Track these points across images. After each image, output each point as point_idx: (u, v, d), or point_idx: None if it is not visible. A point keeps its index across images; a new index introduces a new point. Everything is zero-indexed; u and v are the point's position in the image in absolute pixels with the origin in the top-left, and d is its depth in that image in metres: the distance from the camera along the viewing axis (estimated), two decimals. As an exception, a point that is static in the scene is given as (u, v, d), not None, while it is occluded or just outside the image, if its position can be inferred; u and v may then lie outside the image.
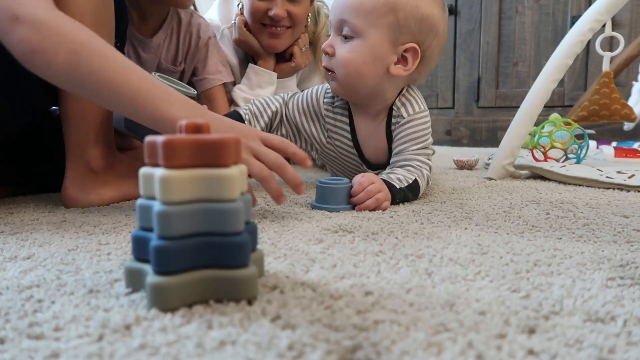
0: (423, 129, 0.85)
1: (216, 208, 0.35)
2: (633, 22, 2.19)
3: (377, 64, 0.81)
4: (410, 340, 0.31)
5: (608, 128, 2.10)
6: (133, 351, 0.30)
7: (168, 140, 0.35)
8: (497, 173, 1.12)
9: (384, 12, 0.78)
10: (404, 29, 0.80)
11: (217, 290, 0.36)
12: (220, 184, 0.35)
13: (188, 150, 0.35)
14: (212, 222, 0.36)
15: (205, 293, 0.36)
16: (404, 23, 0.79)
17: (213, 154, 0.36)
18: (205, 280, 0.36)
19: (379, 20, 0.79)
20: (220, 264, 0.36)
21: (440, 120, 2.53)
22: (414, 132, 0.84)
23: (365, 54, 0.80)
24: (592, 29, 1.11)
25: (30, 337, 0.32)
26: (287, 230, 0.61)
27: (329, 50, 0.82)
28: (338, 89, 0.85)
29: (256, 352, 0.29)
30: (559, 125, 1.25)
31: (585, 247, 0.53)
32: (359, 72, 0.81)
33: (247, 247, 0.36)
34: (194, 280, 0.36)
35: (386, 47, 0.80)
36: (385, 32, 0.79)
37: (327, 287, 0.41)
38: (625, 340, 0.31)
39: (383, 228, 0.62)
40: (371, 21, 0.79)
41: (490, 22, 2.41)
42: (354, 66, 0.81)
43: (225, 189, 0.36)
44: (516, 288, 0.40)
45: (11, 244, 0.55)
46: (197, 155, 0.35)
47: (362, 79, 0.82)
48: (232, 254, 0.36)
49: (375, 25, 0.79)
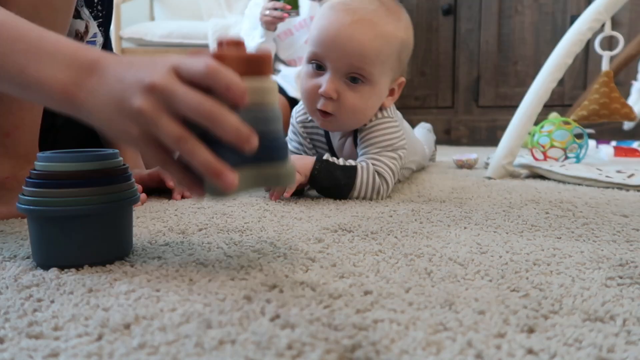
0: (385, 134, 0.84)
1: (262, 113, 0.42)
2: (632, 21, 2.18)
3: (377, 104, 0.84)
4: (409, 339, 0.31)
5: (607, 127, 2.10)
6: (132, 350, 0.30)
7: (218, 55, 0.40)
8: (497, 172, 1.12)
9: (394, 58, 0.81)
10: (401, 68, 0.85)
11: (266, 179, 0.44)
12: (264, 93, 0.42)
13: (237, 64, 0.40)
14: (258, 124, 0.40)
15: (258, 181, 0.43)
16: (403, 63, 0.84)
17: (257, 67, 0.42)
18: (257, 172, 0.42)
19: (390, 67, 0.81)
20: (267, 159, 0.42)
21: (440, 119, 2.53)
22: (374, 137, 0.84)
23: (374, 99, 0.82)
24: (592, 28, 1.11)
25: (30, 336, 0.32)
26: (287, 229, 0.61)
27: (334, 96, 0.78)
28: (331, 128, 0.86)
29: (255, 352, 0.29)
30: (558, 124, 1.25)
31: (585, 246, 0.53)
32: (365, 115, 0.83)
33: (286, 146, 0.44)
34: (248, 173, 0.42)
35: (387, 87, 0.84)
36: (390, 75, 0.83)
37: (327, 286, 0.41)
38: (624, 339, 0.32)
39: (382, 227, 0.62)
40: (385, 69, 0.80)
41: (490, 21, 2.41)
42: (362, 111, 0.82)
43: (268, 96, 0.42)
44: (515, 287, 0.40)
45: (10, 243, 0.55)
46: (245, 67, 0.41)
47: (363, 120, 0.84)
48: (276, 151, 0.43)
49: (386, 72, 0.81)
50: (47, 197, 0.44)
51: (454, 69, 2.51)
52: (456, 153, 1.53)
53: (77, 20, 0.79)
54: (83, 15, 0.79)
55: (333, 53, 0.78)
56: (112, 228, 0.47)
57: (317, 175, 0.79)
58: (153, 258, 0.48)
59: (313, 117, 0.85)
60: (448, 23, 2.48)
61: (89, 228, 0.45)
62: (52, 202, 0.44)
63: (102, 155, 0.47)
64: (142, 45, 2.49)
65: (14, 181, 0.70)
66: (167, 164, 0.42)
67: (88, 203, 0.44)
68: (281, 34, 1.96)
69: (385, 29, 0.78)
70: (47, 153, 0.46)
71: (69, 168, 0.45)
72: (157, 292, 0.39)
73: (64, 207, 0.44)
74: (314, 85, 0.80)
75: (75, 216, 0.44)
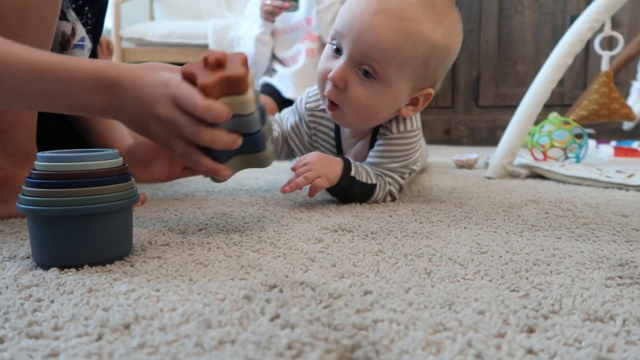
0: (408, 149, 0.79)
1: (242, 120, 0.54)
2: (632, 21, 2.19)
3: (391, 109, 0.76)
4: (409, 339, 0.31)
5: (607, 127, 2.10)
6: (132, 350, 0.30)
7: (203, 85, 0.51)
8: (497, 172, 1.12)
9: (418, 63, 0.71)
10: (429, 77, 0.74)
11: (250, 163, 0.60)
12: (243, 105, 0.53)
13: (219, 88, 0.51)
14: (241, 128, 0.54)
15: (245, 165, 0.60)
16: (432, 71, 0.73)
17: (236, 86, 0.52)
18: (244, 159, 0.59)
19: (410, 71, 0.71)
20: (250, 150, 0.58)
21: (440, 119, 2.53)
22: (396, 150, 0.79)
23: (385, 101, 0.73)
24: (592, 28, 1.11)
25: (30, 336, 0.32)
26: (287, 229, 0.61)
27: (340, 84, 0.71)
28: (340, 121, 0.79)
29: (255, 351, 0.29)
30: (558, 124, 1.25)
31: (585, 246, 0.53)
32: (372, 117, 0.75)
33: (264, 139, 0.58)
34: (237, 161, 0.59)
35: (406, 94, 0.74)
36: (411, 81, 0.73)
37: (326, 286, 0.41)
38: (624, 339, 0.32)
39: (382, 227, 0.62)
40: (403, 71, 0.70)
41: (490, 21, 2.41)
42: (369, 111, 0.73)
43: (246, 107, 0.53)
44: (515, 287, 0.40)
45: (10, 243, 0.55)
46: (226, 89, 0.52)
47: (372, 121, 0.77)
48: (257, 144, 0.57)
49: (404, 75, 0.71)
50: (47, 197, 0.44)
51: (454, 69, 2.51)
52: (456, 153, 1.53)
53: (63, 22, 0.78)
54: (69, 18, 0.78)
55: (350, 36, 0.70)
56: (112, 228, 0.47)
57: (338, 189, 0.76)
58: (153, 258, 0.48)
59: (325, 108, 0.79)
60: (448, 23, 2.48)
61: (89, 228, 0.45)
62: (52, 202, 0.44)
63: (102, 155, 0.47)
64: (142, 45, 2.48)
65: (14, 180, 0.70)
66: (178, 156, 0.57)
67: (88, 203, 0.44)
68: (277, 30, 1.96)
69: (414, 26, 0.68)
70: (47, 153, 0.46)
71: (69, 168, 0.45)
72: (157, 292, 0.39)
73: (64, 207, 0.44)
74: (326, 69, 0.73)
75: (75, 216, 0.44)
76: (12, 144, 0.70)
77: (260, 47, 1.94)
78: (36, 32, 0.64)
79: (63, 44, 0.79)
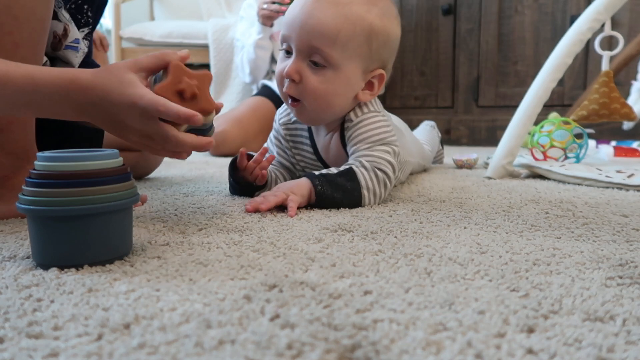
0: (374, 128, 0.80)
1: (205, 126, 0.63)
2: (632, 21, 2.18)
3: (347, 94, 0.79)
4: (409, 339, 0.31)
5: (607, 127, 2.10)
6: (132, 350, 0.30)
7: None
8: (497, 172, 1.12)
9: (360, 42, 0.75)
10: (375, 58, 0.78)
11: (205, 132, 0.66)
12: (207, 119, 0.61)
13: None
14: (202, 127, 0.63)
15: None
16: (376, 52, 0.78)
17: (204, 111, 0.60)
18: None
19: (355, 52, 0.75)
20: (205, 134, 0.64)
21: (440, 119, 2.53)
22: (363, 132, 0.80)
23: (338, 86, 0.77)
24: (592, 28, 1.11)
25: (30, 336, 0.32)
26: (287, 229, 0.61)
27: (295, 77, 0.75)
28: (304, 119, 0.82)
29: (255, 351, 0.29)
30: (558, 124, 1.25)
31: (585, 246, 0.53)
32: (330, 103, 0.78)
33: (213, 126, 0.67)
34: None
35: (358, 76, 0.78)
36: (359, 63, 0.77)
37: (326, 286, 0.41)
38: (624, 339, 0.32)
39: (382, 227, 0.62)
40: (348, 53, 0.75)
41: (490, 21, 2.41)
42: (326, 98, 0.77)
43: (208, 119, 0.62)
44: (515, 287, 0.40)
45: (10, 243, 0.55)
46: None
47: (331, 108, 0.79)
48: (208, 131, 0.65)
49: (350, 57, 0.75)
50: (47, 197, 0.44)
51: (454, 68, 2.51)
52: (456, 153, 1.53)
53: (54, 21, 0.76)
54: (61, 18, 0.77)
55: (294, 32, 0.75)
56: (112, 228, 0.47)
57: (321, 190, 0.73)
58: (153, 258, 0.48)
59: (288, 106, 0.83)
60: (448, 23, 2.48)
61: (89, 228, 0.45)
62: (52, 202, 0.44)
63: (102, 155, 0.47)
64: (141, 45, 2.49)
65: (14, 180, 0.70)
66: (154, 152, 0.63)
67: (88, 203, 0.44)
68: (274, 34, 1.96)
69: (349, 9, 0.74)
70: (47, 153, 0.46)
71: (69, 168, 0.45)
72: (157, 291, 0.39)
73: (64, 207, 0.44)
74: (281, 70, 0.78)
75: (75, 216, 0.44)
76: (10, 142, 0.70)
77: (260, 52, 1.95)
78: (30, 29, 0.64)
79: (54, 44, 0.78)
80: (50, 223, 0.45)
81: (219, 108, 0.63)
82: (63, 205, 0.44)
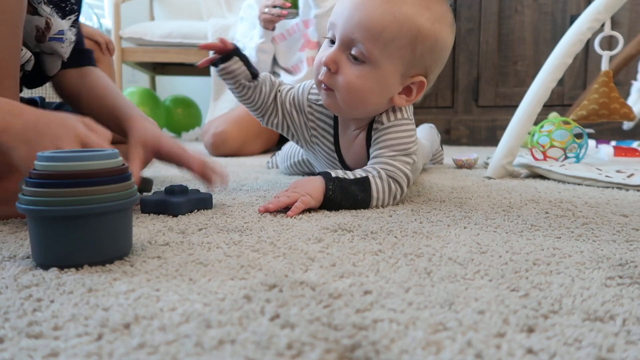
0: (402, 137, 0.79)
1: None
2: (632, 21, 2.19)
3: (382, 94, 0.76)
4: (409, 339, 0.31)
5: (607, 127, 2.10)
6: (132, 350, 0.30)
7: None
8: (496, 172, 1.12)
9: (403, 44, 0.72)
10: (417, 63, 0.75)
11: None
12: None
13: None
14: None
15: None
16: (420, 57, 0.74)
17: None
18: None
19: (396, 52, 0.73)
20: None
21: (440, 119, 2.53)
22: (391, 139, 0.78)
23: (374, 84, 0.74)
24: (592, 28, 1.11)
25: (30, 336, 0.32)
26: (287, 229, 0.61)
27: (332, 67, 0.74)
28: (334, 108, 0.80)
29: (255, 351, 0.29)
30: (558, 124, 1.25)
31: (585, 246, 0.53)
32: (364, 99, 0.76)
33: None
34: None
35: (396, 79, 0.76)
36: (399, 64, 0.74)
37: (326, 286, 0.41)
38: (624, 339, 0.32)
39: (382, 227, 0.62)
40: (389, 52, 0.72)
41: (490, 21, 2.41)
42: (360, 94, 0.75)
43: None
44: (515, 287, 0.40)
45: (10, 243, 0.55)
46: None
47: (364, 105, 0.77)
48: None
49: (391, 57, 0.73)
50: (47, 197, 0.44)
51: (454, 68, 2.51)
52: (456, 153, 1.53)
53: (35, 16, 0.78)
54: (42, 12, 0.78)
55: (341, 22, 0.73)
56: (112, 228, 0.47)
57: (332, 195, 0.72)
58: (153, 258, 0.48)
59: (320, 93, 0.80)
60: (448, 23, 2.48)
61: (89, 228, 0.45)
62: (52, 202, 0.44)
63: (102, 155, 0.47)
64: (141, 45, 2.49)
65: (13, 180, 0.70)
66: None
67: (88, 203, 0.44)
68: (276, 37, 1.96)
69: (399, 8, 0.71)
70: (47, 153, 0.46)
71: (68, 168, 0.45)
72: (157, 291, 0.39)
73: (64, 207, 0.44)
74: (320, 58, 0.76)
75: (75, 216, 0.44)
76: None
77: (262, 56, 1.94)
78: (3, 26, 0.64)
79: (38, 37, 0.80)
80: (50, 223, 0.45)
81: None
82: (63, 205, 0.44)
